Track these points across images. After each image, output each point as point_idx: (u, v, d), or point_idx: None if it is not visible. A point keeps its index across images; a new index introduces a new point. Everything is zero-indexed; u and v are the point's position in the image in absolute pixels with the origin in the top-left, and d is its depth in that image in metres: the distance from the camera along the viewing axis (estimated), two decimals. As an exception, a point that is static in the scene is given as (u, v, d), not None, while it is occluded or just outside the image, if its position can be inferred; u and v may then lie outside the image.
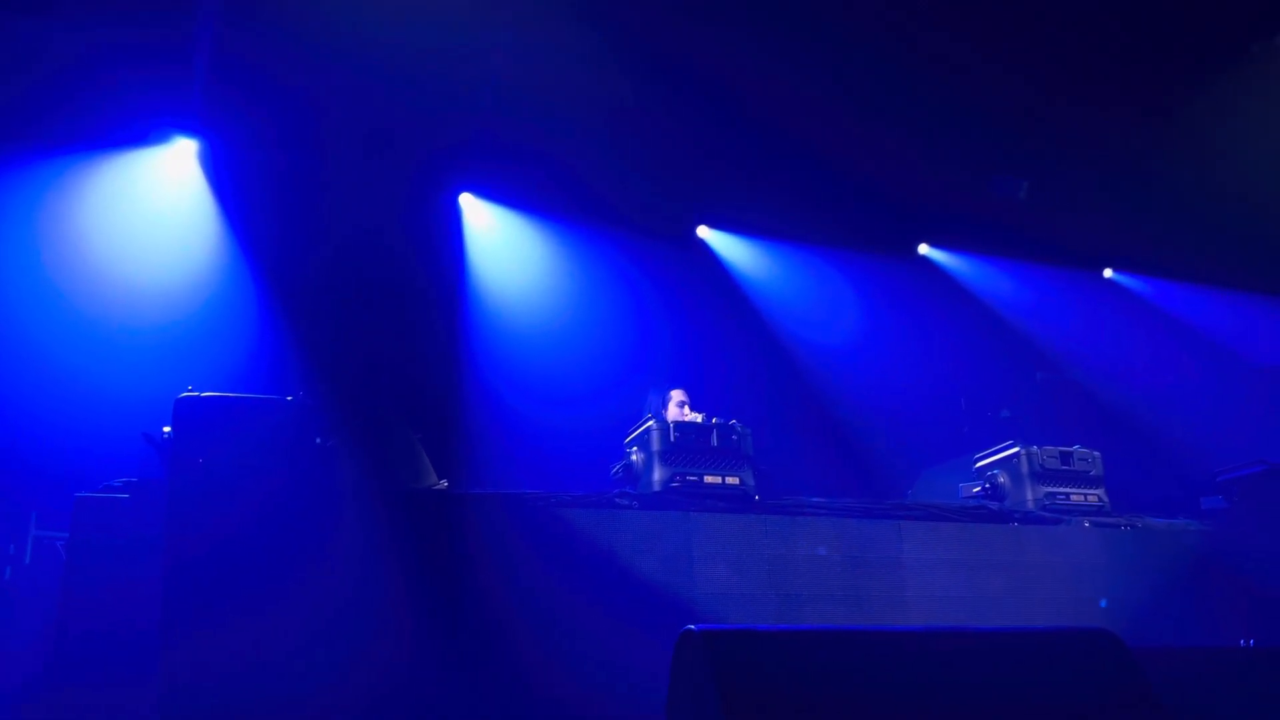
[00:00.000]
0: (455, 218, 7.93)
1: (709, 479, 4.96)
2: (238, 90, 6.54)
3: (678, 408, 6.30)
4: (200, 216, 6.92)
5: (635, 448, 5.15)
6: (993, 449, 5.83)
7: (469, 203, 8.02)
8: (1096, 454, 5.65)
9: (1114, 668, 2.60)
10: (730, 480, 5.00)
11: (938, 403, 8.36)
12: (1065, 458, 5.58)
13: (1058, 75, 6.87)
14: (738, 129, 7.39)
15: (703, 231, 8.75)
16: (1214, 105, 7.11)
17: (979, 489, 5.70)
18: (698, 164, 7.83)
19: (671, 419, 5.80)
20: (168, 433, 4.39)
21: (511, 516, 4.49)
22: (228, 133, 6.93)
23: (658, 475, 4.93)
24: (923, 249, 9.14)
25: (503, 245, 8.02)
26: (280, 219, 6.92)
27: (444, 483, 5.00)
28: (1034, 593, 5.02)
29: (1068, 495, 5.49)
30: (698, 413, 5.90)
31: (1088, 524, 5.36)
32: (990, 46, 6.62)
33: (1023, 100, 7.13)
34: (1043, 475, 5.51)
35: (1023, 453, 5.57)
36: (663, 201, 8.14)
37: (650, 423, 5.07)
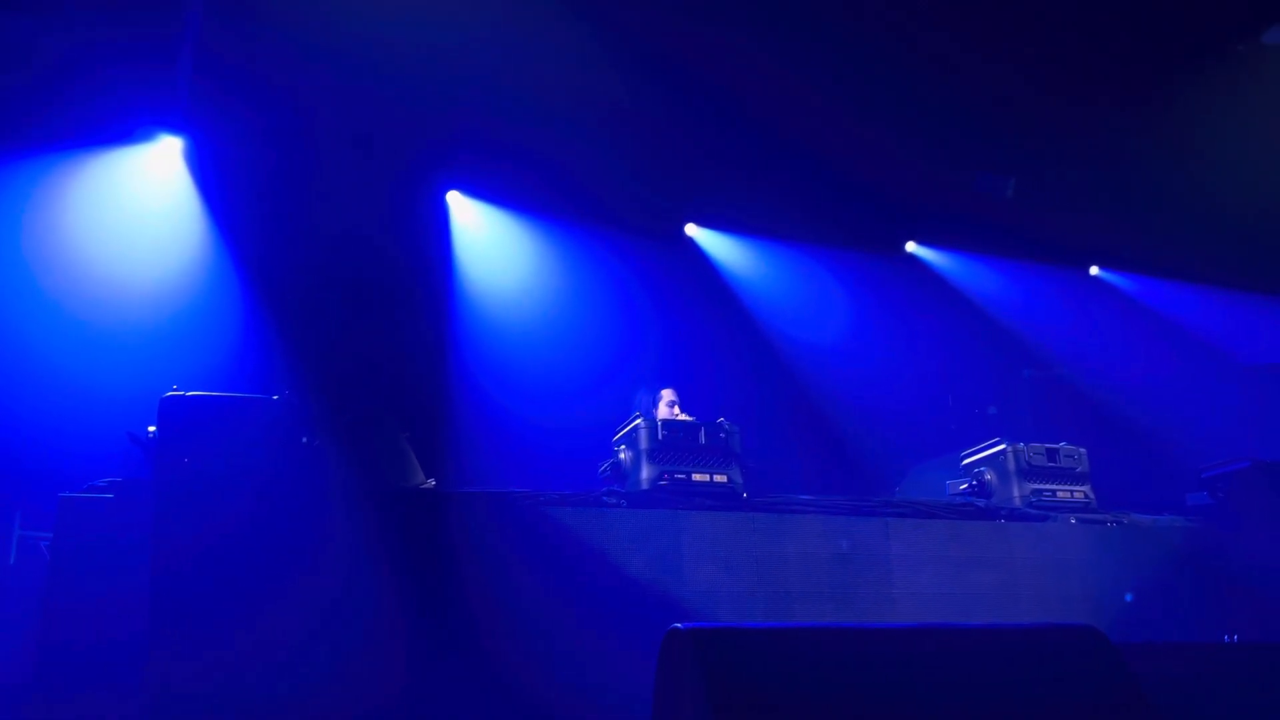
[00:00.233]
0: (442, 215, 7.91)
1: (697, 477, 4.96)
2: (223, 88, 6.50)
3: (668, 407, 6.30)
4: (185, 215, 6.88)
5: (623, 446, 5.15)
6: (979, 446, 5.85)
7: (456, 200, 8.00)
8: (1082, 451, 5.68)
9: (1098, 664, 2.61)
10: (718, 478, 5.00)
11: (925, 400, 8.39)
12: (1051, 454, 5.60)
13: (1045, 74, 6.89)
14: (726, 127, 7.40)
15: (691, 229, 8.75)
16: (1200, 104, 7.15)
17: (966, 486, 5.72)
18: (686, 162, 7.84)
19: (661, 419, 5.80)
20: (153, 432, 4.37)
21: (499, 515, 4.48)
22: (213, 130, 6.89)
23: (646, 473, 4.92)
24: (910, 246, 9.17)
25: (490, 243, 8.00)
26: (266, 217, 6.89)
27: (431, 481, 4.99)
28: (1020, 589, 5.03)
29: (1054, 492, 5.51)
30: (688, 414, 5.90)
31: (1074, 520, 5.39)
32: (978, 45, 6.64)
33: (1010, 98, 7.15)
34: (1029, 472, 5.52)
35: (1009, 450, 5.59)
36: (651, 199, 8.14)
37: (638, 421, 5.07)
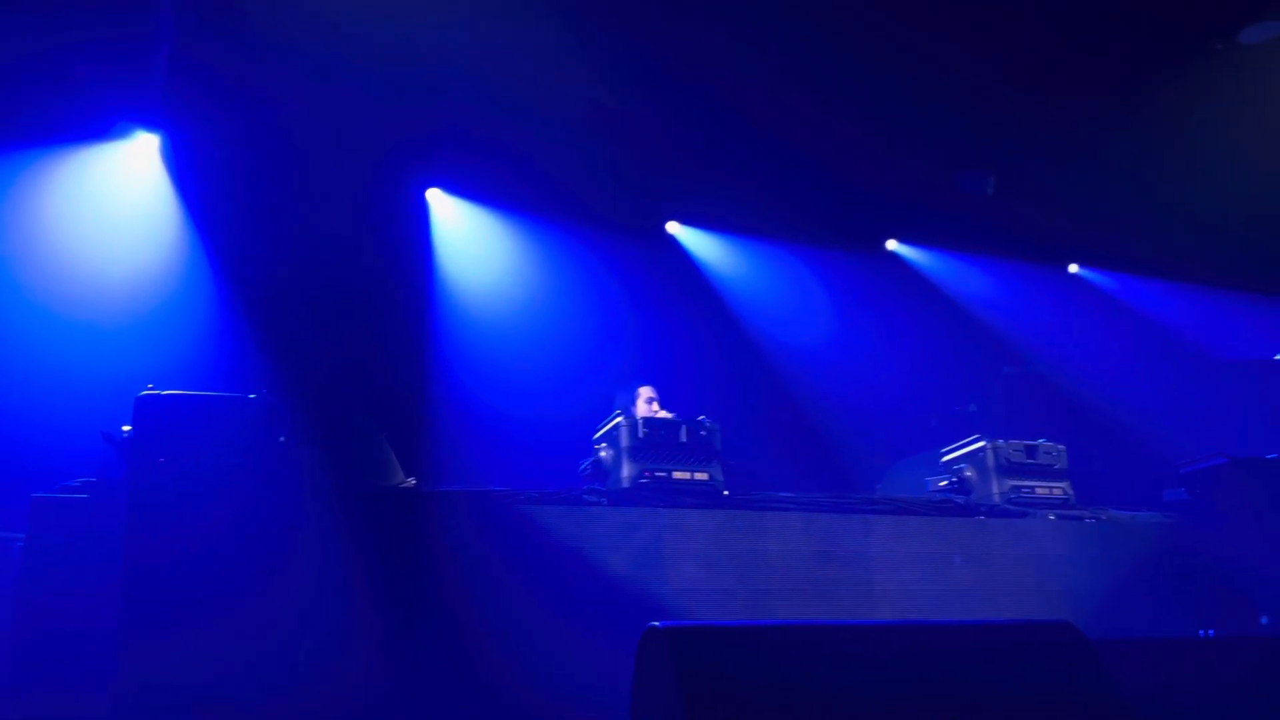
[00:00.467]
0: (422, 213, 7.88)
1: (678, 475, 4.96)
2: (199, 84, 6.45)
3: (646, 404, 6.29)
4: (162, 212, 6.82)
5: (604, 444, 5.14)
6: (959, 443, 5.86)
7: (436, 198, 7.97)
8: (1061, 448, 5.70)
9: (1074, 659, 2.63)
10: (699, 476, 4.99)
11: (906, 397, 8.41)
12: (1030, 451, 5.62)
13: (1025, 72, 6.92)
14: (707, 125, 7.40)
15: (672, 227, 8.75)
16: (1178, 103, 7.20)
17: (946, 483, 5.73)
18: (667, 160, 7.83)
19: (640, 416, 5.79)
20: (128, 432, 4.32)
21: (480, 514, 4.47)
22: (190, 127, 6.83)
23: (626, 471, 4.92)
24: (891, 244, 9.19)
25: (470, 241, 7.97)
26: (243, 214, 6.83)
27: (411, 480, 4.97)
28: (999, 585, 5.05)
29: (1033, 489, 5.53)
30: (667, 412, 5.89)
31: (1052, 517, 5.41)
32: (958, 43, 6.66)
33: (990, 96, 7.18)
34: (1008, 469, 5.54)
35: (989, 447, 5.61)
36: (632, 197, 8.13)
37: (619, 419, 5.06)
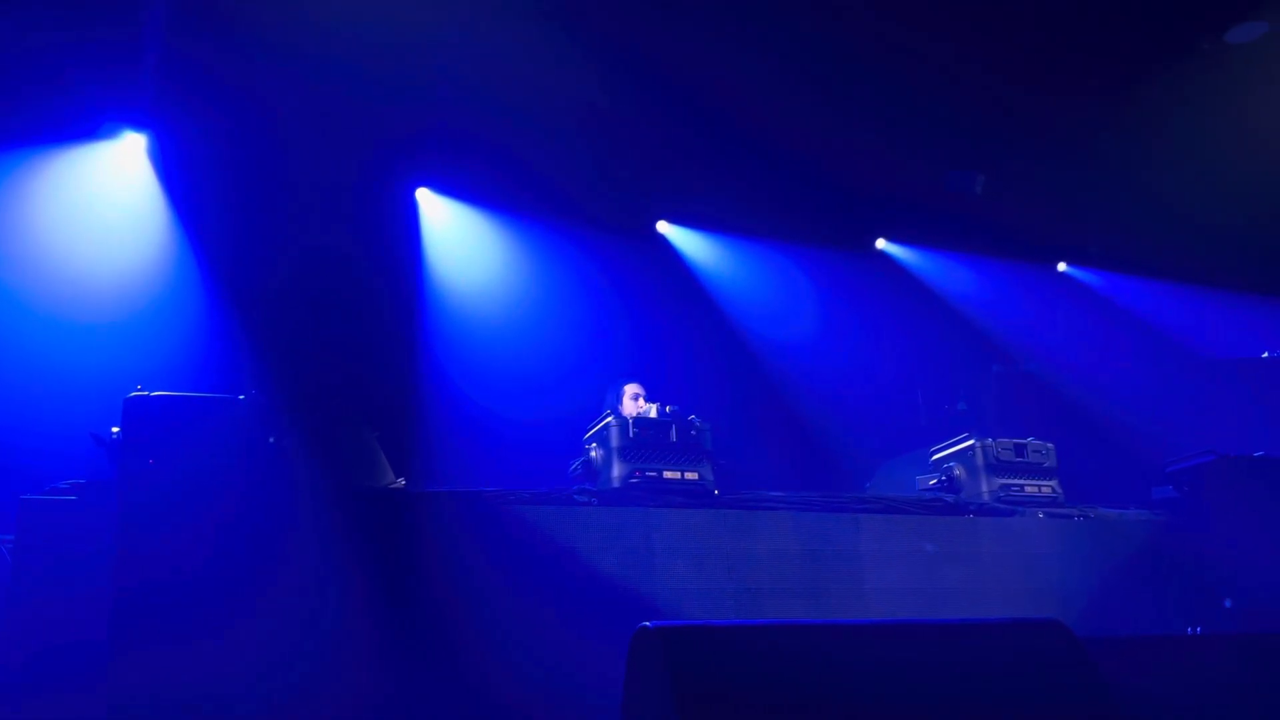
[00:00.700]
0: (412, 213, 7.87)
1: (668, 474, 4.96)
2: (187, 84, 6.43)
3: (632, 400, 6.29)
4: (150, 212, 6.80)
5: (594, 444, 5.13)
6: (949, 441, 5.88)
7: (426, 198, 7.95)
8: (1050, 446, 5.72)
9: (1063, 657, 2.64)
10: (690, 475, 5.00)
11: (895, 396, 8.44)
12: (1020, 450, 5.64)
13: (1014, 71, 6.95)
14: (697, 124, 7.40)
15: (662, 226, 8.75)
16: (1166, 101, 7.24)
17: (935, 481, 5.75)
18: (657, 159, 7.84)
19: (627, 413, 5.79)
20: (116, 433, 4.30)
21: (470, 515, 4.46)
22: (178, 127, 6.81)
23: (617, 471, 4.91)
24: (880, 244, 9.22)
25: (460, 240, 7.96)
26: (232, 214, 6.82)
27: (401, 481, 4.96)
28: (988, 583, 5.07)
29: (1022, 487, 5.55)
30: (652, 403, 5.88)
31: (1041, 515, 5.43)
32: (946, 42, 6.68)
33: (979, 95, 7.21)
34: (997, 467, 5.56)
35: (978, 445, 5.62)
36: (622, 196, 8.13)
37: (609, 419, 5.06)
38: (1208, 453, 5.58)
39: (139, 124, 6.78)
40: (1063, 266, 9.58)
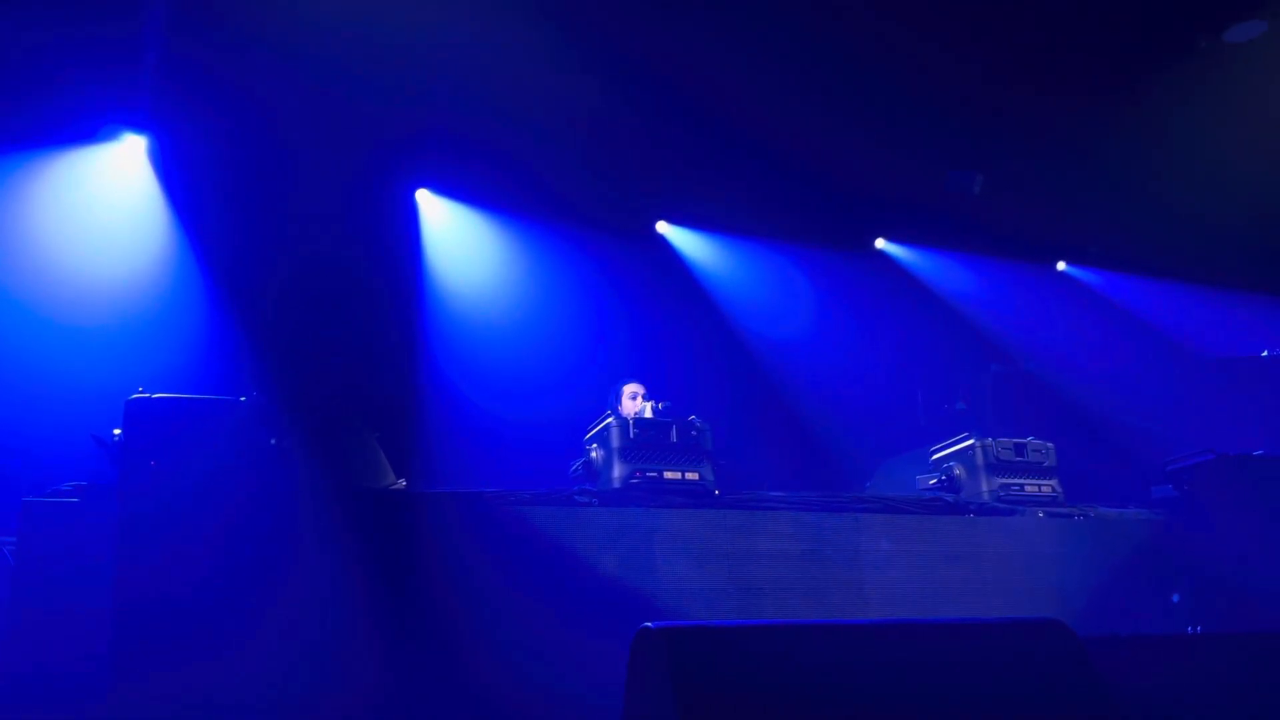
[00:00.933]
0: (411, 214, 7.87)
1: (669, 475, 4.96)
2: (187, 85, 6.44)
3: (630, 400, 6.29)
4: (151, 214, 6.81)
5: (595, 444, 5.14)
6: (948, 441, 5.88)
7: (425, 198, 7.96)
8: (1050, 445, 5.72)
9: (1063, 656, 2.64)
10: (690, 476, 5.00)
11: (895, 396, 8.45)
12: (1019, 449, 5.64)
13: (1012, 71, 6.95)
14: (696, 124, 7.40)
15: (662, 227, 8.76)
16: (1165, 101, 7.24)
17: (935, 481, 5.75)
18: (657, 159, 7.84)
19: (627, 413, 5.79)
20: (118, 435, 4.31)
21: (470, 515, 4.46)
22: (178, 129, 6.82)
23: (617, 472, 4.91)
24: (879, 243, 9.22)
25: (460, 241, 7.97)
26: (233, 215, 6.82)
27: (402, 482, 4.96)
28: (989, 583, 5.07)
29: (1022, 486, 5.55)
30: (649, 400, 5.88)
31: (1041, 514, 5.44)
32: (946, 42, 6.69)
33: (978, 95, 7.21)
34: (997, 467, 5.56)
35: (977, 445, 5.62)
36: (621, 197, 8.14)
37: (610, 419, 5.06)
38: (1207, 452, 5.58)
39: (139, 126, 6.78)
40: (1062, 266, 9.59)
